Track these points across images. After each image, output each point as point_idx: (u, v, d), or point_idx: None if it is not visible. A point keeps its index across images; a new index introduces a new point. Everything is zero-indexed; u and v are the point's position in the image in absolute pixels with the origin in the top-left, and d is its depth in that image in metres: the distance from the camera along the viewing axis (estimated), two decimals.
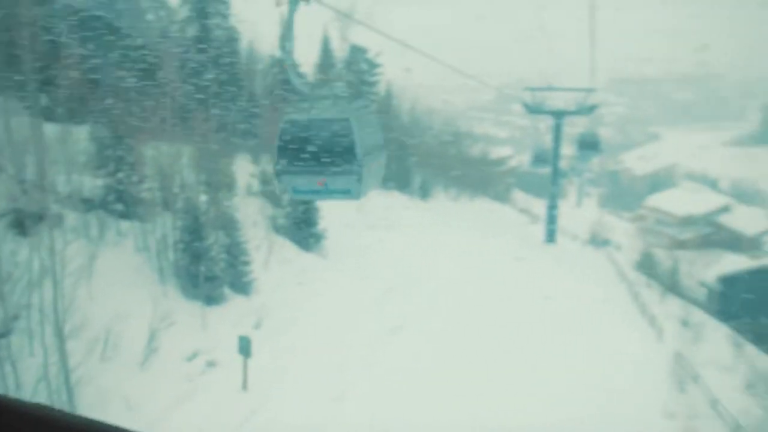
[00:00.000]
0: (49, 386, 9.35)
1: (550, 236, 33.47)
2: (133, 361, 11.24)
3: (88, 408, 9.71)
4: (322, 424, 10.90)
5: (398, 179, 31.10)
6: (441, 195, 35.25)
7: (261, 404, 11.44)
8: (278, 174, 6.21)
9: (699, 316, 28.12)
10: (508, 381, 14.33)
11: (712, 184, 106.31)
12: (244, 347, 11.91)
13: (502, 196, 50.26)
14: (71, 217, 13.01)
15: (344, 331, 14.77)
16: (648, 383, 18.52)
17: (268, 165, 19.85)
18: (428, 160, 36.42)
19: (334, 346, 13.98)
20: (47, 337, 9.69)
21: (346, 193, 6.30)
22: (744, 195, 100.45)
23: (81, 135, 16.06)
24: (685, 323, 26.18)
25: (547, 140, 47.69)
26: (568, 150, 38.88)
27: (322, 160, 6.05)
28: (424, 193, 33.24)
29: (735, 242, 52.05)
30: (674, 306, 28.47)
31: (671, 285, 33.22)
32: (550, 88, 31.27)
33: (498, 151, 77.61)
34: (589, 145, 31.82)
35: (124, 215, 14.74)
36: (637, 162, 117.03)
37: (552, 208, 33.57)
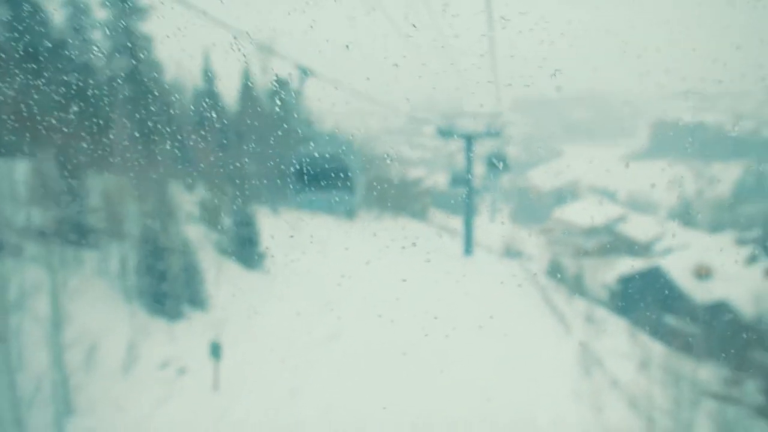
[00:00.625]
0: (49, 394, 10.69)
1: (468, 249, 37.04)
2: (115, 371, 12.66)
3: (85, 410, 11.12)
4: (285, 410, 13.01)
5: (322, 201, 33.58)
6: (365, 215, 38.07)
7: (231, 400, 13.29)
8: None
9: (601, 312, 32.62)
10: (438, 364, 17.04)
11: (612, 196, 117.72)
12: (215, 351, 13.66)
13: (420, 215, 53.80)
14: (30, 248, 14.13)
15: (293, 335, 16.87)
16: (558, 370, 21.92)
17: (205, 193, 21.44)
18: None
19: (287, 348, 16.05)
20: (37, 352, 11.01)
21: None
22: (638, 205, 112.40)
23: (23, 168, 17.12)
24: (589, 319, 30.42)
25: (460, 160, 51.99)
26: (480, 169, 42.89)
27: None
28: (349, 215, 35.89)
29: (631, 248, 58.50)
30: (580, 305, 32.77)
31: (577, 288, 37.89)
32: (461, 114, 35.05)
33: (413, 172, 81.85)
34: (496, 163, 35.46)
35: (80, 244, 15.91)
36: (544, 178, 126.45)
37: (468, 224, 37.23)
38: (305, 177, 8.30)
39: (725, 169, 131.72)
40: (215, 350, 14.05)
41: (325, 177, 8.36)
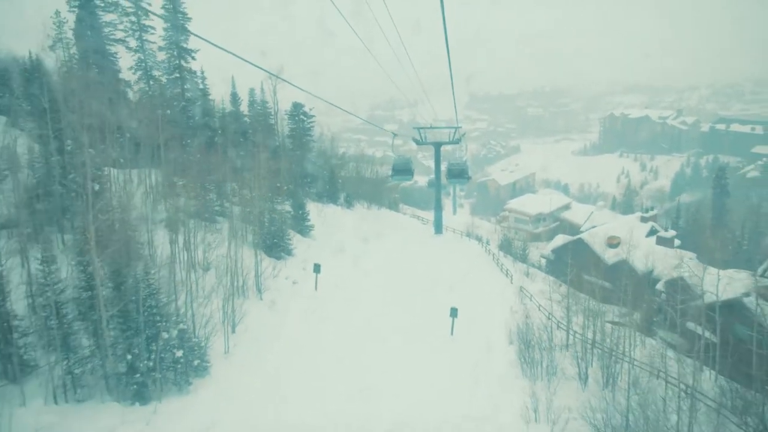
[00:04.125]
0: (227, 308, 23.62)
1: (438, 229, 51.08)
2: (268, 281, 26.06)
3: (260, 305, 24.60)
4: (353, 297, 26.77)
5: (330, 195, 47.24)
6: (358, 206, 51.84)
7: (324, 297, 26.86)
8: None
9: (535, 272, 47.39)
10: (433, 293, 31.01)
11: (564, 189, 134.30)
12: (317, 269, 27.17)
13: (393, 207, 67.70)
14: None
15: (343, 270, 30.63)
16: (504, 300, 35.99)
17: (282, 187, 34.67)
18: (339, 179, 52.84)
19: (341, 274, 29.85)
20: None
21: None
22: (588, 197, 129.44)
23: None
24: (526, 274, 45.07)
25: (418, 156, 64.80)
26: (444, 176, 56.12)
27: None
28: (348, 204, 49.50)
29: (573, 231, 73.35)
30: (521, 267, 47.37)
31: (521, 257, 52.62)
32: (431, 127, 48.85)
33: (380, 170, 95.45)
34: (457, 173, 43.94)
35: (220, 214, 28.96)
36: (501, 173, 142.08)
37: (437, 209, 51.30)
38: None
39: (668, 161, 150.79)
40: (317, 268, 27.70)
41: None
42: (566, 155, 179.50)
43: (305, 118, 45.64)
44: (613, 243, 50.92)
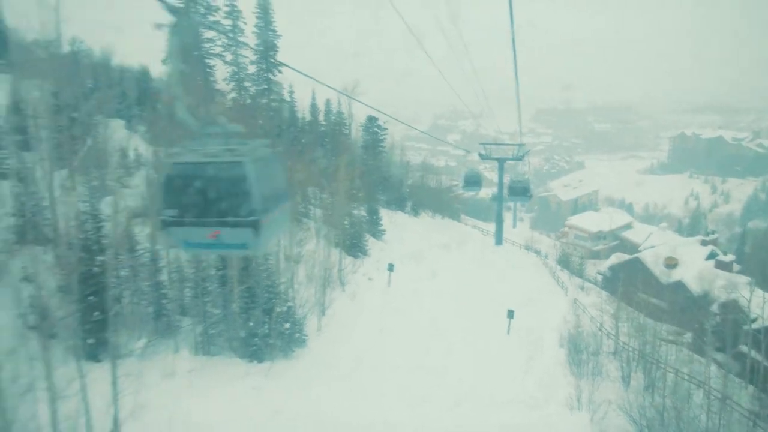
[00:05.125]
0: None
1: (498, 241, 54.79)
2: (348, 276, 30.90)
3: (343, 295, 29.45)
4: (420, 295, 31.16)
5: (398, 202, 51.97)
6: (423, 214, 56.29)
7: (395, 292, 31.44)
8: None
9: (591, 287, 50.48)
10: (492, 297, 34.98)
11: (628, 208, 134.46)
12: (391, 267, 31.87)
13: (455, 217, 71.69)
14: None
15: (412, 271, 35.11)
16: (558, 309, 39.50)
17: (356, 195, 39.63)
18: (404, 189, 57.37)
19: (410, 275, 34.31)
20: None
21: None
22: (652, 217, 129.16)
23: None
24: (581, 288, 48.26)
25: (479, 167, 68.76)
26: (506, 191, 59.55)
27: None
28: (415, 212, 54.06)
29: (632, 250, 75.17)
30: (577, 281, 50.55)
31: (577, 272, 55.68)
32: (496, 143, 52.70)
33: (444, 181, 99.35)
34: (519, 191, 44.96)
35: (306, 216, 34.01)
36: (563, 189, 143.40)
37: (498, 222, 55.03)
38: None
39: (740, 185, 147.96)
40: (390, 267, 32.44)
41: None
42: (632, 173, 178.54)
43: (378, 131, 50.51)
44: (670, 264, 53.30)
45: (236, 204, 6.16)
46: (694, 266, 52.58)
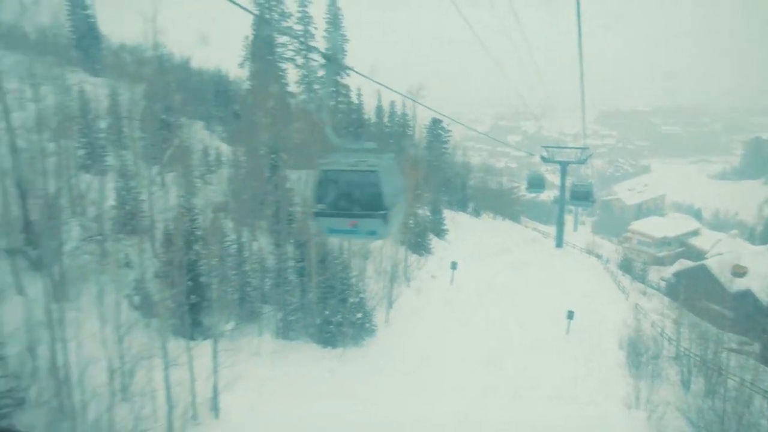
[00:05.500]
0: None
1: (559, 243, 55.32)
2: (415, 274, 32.64)
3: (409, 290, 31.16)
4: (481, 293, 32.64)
5: (460, 203, 53.34)
6: (484, 215, 57.50)
7: (459, 288, 32.86)
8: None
9: (652, 292, 50.41)
10: (552, 298, 35.96)
11: (696, 214, 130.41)
12: (454, 266, 33.39)
13: (515, 218, 72.38)
14: None
15: (474, 270, 36.55)
16: (618, 312, 39.98)
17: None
18: (467, 190, 58.64)
19: (472, 273, 35.70)
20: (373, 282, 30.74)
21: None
22: (723, 224, 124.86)
23: None
24: (643, 293, 48.33)
25: (540, 169, 69.30)
26: (568, 194, 59.98)
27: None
28: (477, 213, 55.37)
29: (698, 257, 73.66)
30: (639, 287, 50.60)
31: (640, 278, 55.52)
32: (559, 147, 53.32)
33: (504, 182, 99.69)
34: (581, 196, 45.32)
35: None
36: (627, 193, 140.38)
37: (560, 225, 55.54)
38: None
39: None
40: (453, 266, 34.00)
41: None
42: (702, 178, 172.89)
43: (442, 132, 52.08)
44: (738, 272, 52.44)
45: (370, 201, 8.53)
46: (764, 275, 51.61)
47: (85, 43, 45.34)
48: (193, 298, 21.23)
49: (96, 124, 33.57)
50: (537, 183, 50.88)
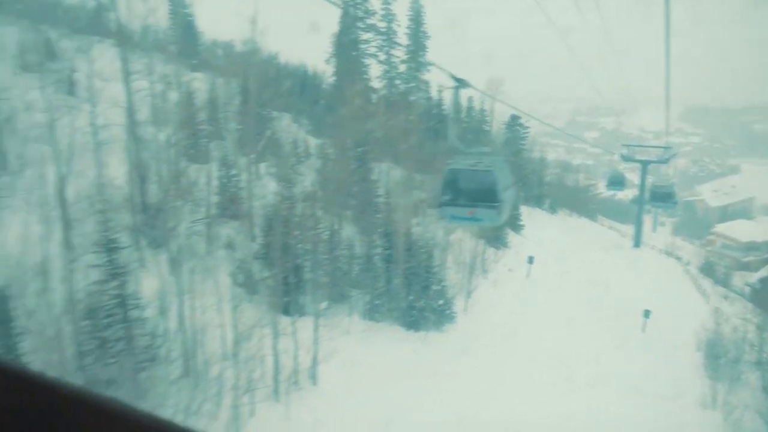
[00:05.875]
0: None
1: (636, 243, 54.95)
2: (491, 266, 34.01)
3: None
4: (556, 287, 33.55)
5: (536, 199, 53.96)
6: (560, 212, 57.85)
7: (536, 282, 33.99)
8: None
9: (735, 297, 49.42)
10: (628, 297, 36.36)
11: None
12: (530, 260, 34.53)
13: (591, 216, 71.91)
14: None
15: (549, 265, 37.49)
16: (696, 314, 39.78)
17: None
18: (543, 186, 58.99)
19: (548, 268, 36.63)
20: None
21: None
22: None
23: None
24: (724, 297, 47.52)
25: (620, 166, 68.49)
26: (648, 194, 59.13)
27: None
28: (553, 210, 55.86)
29: None
30: (720, 291, 49.71)
31: (722, 282, 54.37)
32: (640, 145, 52.88)
33: (581, 179, 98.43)
34: (662, 197, 44.48)
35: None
36: (712, 194, 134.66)
37: (638, 224, 55.12)
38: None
39: None
40: (530, 260, 35.17)
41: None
42: None
43: (520, 128, 52.80)
44: None
45: (486, 195, 10.74)
46: None
47: (185, 39, 48.85)
48: (290, 278, 23.41)
49: (198, 117, 36.58)
50: (617, 181, 51.04)
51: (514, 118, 52.83)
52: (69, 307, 16.13)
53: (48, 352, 15.24)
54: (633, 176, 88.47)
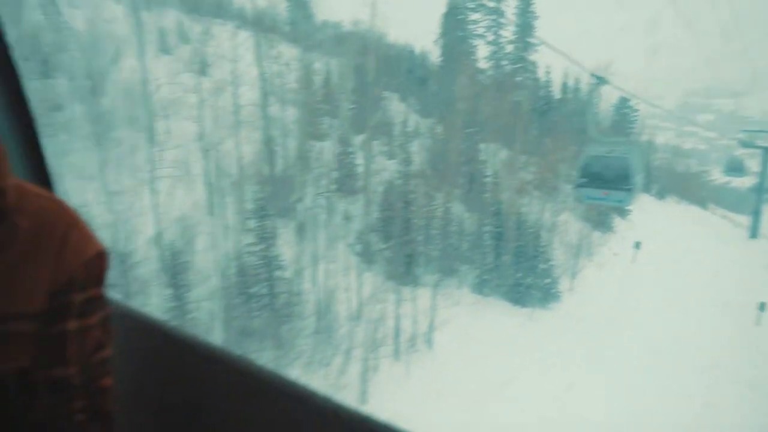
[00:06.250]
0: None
1: (754, 234, 52.55)
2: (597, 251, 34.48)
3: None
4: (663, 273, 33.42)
5: (643, 185, 52.87)
6: (668, 198, 56.35)
7: (639, 267, 34.12)
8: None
9: None
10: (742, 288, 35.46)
11: None
12: (637, 245, 34.70)
13: (702, 204, 69.07)
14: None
15: (665, 247, 37.40)
16: None
17: None
18: (651, 171, 57.43)
19: (654, 254, 36.52)
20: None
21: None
22: None
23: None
24: None
25: (738, 152, 64.75)
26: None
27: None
28: (660, 196, 54.53)
29: None
30: None
31: None
32: (762, 131, 50.20)
33: (692, 165, 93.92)
34: None
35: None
36: None
37: (756, 214, 52.60)
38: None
39: None
40: (637, 245, 35.31)
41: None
42: None
43: (629, 112, 51.67)
44: None
45: (620, 178, 11.35)
46: None
47: (300, 20, 51.44)
48: (405, 250, 25.17)
49: (316, 96, 38.95)
50: (736, 167, 49.23)
51: (624, 101, 51.76)
52: (224, 264, 18.64)
53: (208, 303, 17.79)
54: (752, 164, 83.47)
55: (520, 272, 26.72)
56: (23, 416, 0.89)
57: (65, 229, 0.91)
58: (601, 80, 11.94)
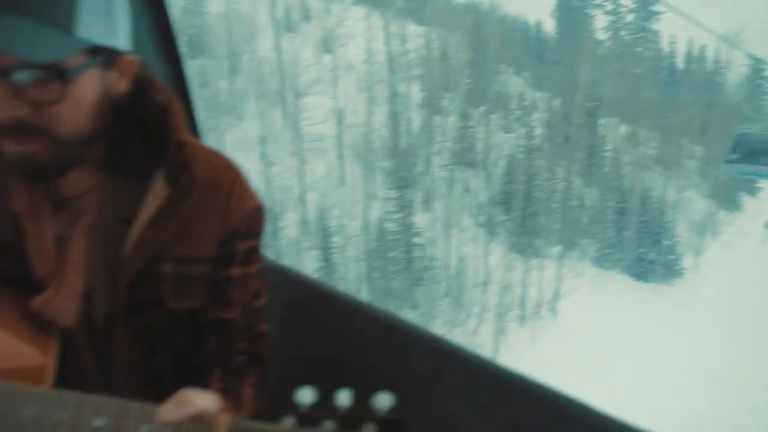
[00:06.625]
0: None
1: None
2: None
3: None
4: None
5: None
6: None
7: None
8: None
9: None
10: None
11: None
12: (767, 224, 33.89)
13: None
14: None
15: None
16: None
17: None
18: None
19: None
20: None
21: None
22: None
23: None
24: None
25: None
26: None
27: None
28: None
29: None
30: None
31: None
32: None
33: None
34: None
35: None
36: None
37: None
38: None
39: None
40: (767, 224, 34.27)
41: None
42: None
43: (763, 82, 48.91)
44: None
45: None
46: None
47: None
48: (527, 223, 26.07)
49: (435, 71, 40.01)
50: None
51: (757, 70, 48.97)
52: (367, 229, 20.48)
53: (352, 263, 19.70)
54: None
55: (643, 247, 26.88)
56: (193, 356, 0.94)
57: (231, 183, 0.96)
58: (758, 62, 12.57)
